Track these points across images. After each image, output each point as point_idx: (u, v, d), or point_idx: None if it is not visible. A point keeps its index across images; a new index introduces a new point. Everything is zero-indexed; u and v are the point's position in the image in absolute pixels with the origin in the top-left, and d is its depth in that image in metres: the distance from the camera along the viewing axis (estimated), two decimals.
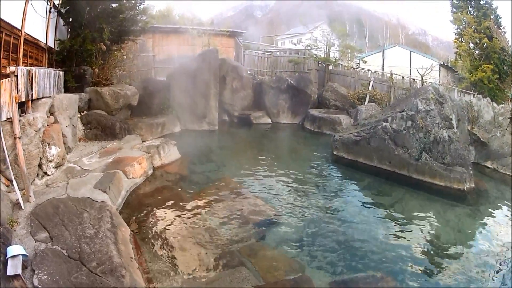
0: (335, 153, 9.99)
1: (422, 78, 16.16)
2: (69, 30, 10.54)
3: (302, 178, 8.35)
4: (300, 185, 7.85)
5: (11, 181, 4.86)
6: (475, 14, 24.88)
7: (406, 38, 74.49)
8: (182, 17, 24.99)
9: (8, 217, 4.21)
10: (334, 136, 10.31)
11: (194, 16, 29.56)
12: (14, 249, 3.34)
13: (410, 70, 24.61)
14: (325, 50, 19.78)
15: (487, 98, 13.09)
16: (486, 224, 6.57)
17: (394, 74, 17.50)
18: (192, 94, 13.05)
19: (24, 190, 4.91)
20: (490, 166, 10.45)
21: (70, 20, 10.16)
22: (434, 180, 8.00)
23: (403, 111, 8.96)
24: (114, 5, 10.96)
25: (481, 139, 10.73)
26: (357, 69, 20.06)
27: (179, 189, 7.11)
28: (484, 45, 23.04)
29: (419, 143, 8.38)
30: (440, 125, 8.40)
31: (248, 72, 17.56)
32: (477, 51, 23.61)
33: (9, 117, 5.07)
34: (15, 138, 5.00)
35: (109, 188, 5.58)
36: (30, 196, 4.85)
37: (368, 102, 15.29)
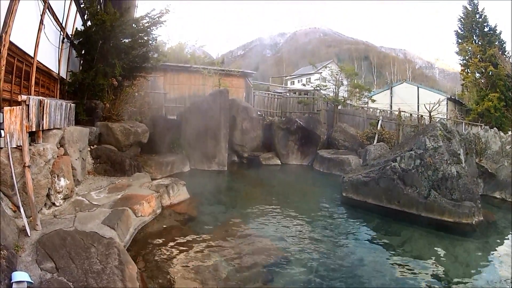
0: (344, 194, 10.00)
1: (430, 114, 16.46)
2: (82, 62, 10.76)
3: (311, 220, 8.36)
4: (308, 226, 7.87)
5: (18, 207, 4.92)
6: (480, 43, 25.54)
7: (413, 72, 76.35)
8: (193, 55, 25.69)
9: (14, 242, 4.28)
10: (343, 177, 10.37)
11: (205, 54, 30.54)
12: (20, 275, 3.44)
13: (418, 106, 25.00)
14: (334, 90, 20.28)
15: (494, 128, 13.26)
16: (494, 256, 6.62)
17: (402, 111, 17.84)
18: (202, 134, 13.41)
19: (31, 218, 4.98)
20: (498, 196, 10.61)
21: (83, 52, 10.38)
22: (443, 217, 7.98)
23: (411, 150, 9.07)
24: (126, 41, 11.17)
25: (489, 171, 10.82)
26: (366, 108, 20.42)
27: (187, 229, 7.17)
28: (490, 73, 23.48)
29: (428, 181, 8.43)
30: (449, 162, 8.49)
31: (258, 113, 17.99)
32: (483, 80, 24.03)
33: (19, 144, 5.20)
34: (24, 166, 5.09)
35: (118, 225, 5.70)
36: (37, 225, 4.92)
37: (377, 142, 15.51)
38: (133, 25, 11.11)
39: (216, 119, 13.60)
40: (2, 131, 4.98)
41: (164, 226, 7.20)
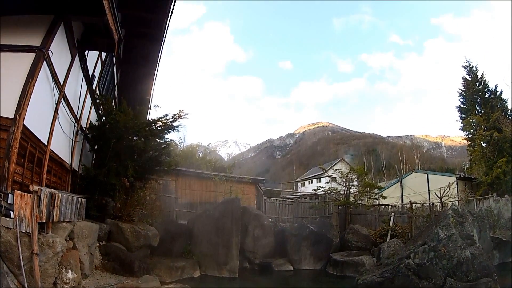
0: None
1: (441, 201, 16.72)
2: (94, 157, 11.03)
3: None
4: None
5: (23, 286, 4.98)
6: (482, 111, 26.10)
7: (421, 157, 77.45)
8: (204, 158, 26.42)
9: None
10: (357, 280, 10.35)
11: (216, 158, 31.36)
12: None
13: (429, 193, 25.05)
14: (345, 191, 20.83)
15: (506, 196, 13.35)
16: None
17: (414, 203, 18.10)
18: (213, 241, 13.56)
19: None
20: None
21: (96, 147, 10.64)
22: None
23: (425, 244, 9.24)
24: (139, 141, 11.24)
25: (503, 239, 10.74)
26: (377, 206, 20.67)
27: None
28: (496, 139, 23.71)
29: (443, 270, 8.49)
30: (462, 246, 8.67)
31: (270, 219, 18.23)
32: (489, 148, 24.20)
33: (28, 231, 5.29)
34: (32, 253, 5.23)
35: None
36: None
37: (390, 238, 15.42)
38: (146, 128, 11.44)
39: (227, 227, 13.88)
40: (11, 212, 5.23)
41: None
